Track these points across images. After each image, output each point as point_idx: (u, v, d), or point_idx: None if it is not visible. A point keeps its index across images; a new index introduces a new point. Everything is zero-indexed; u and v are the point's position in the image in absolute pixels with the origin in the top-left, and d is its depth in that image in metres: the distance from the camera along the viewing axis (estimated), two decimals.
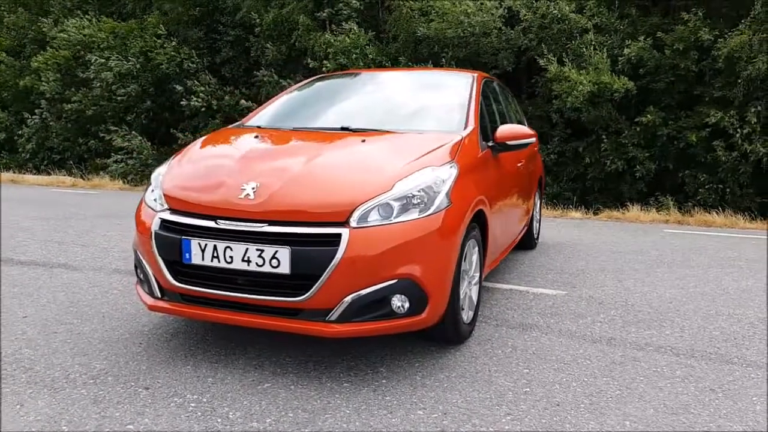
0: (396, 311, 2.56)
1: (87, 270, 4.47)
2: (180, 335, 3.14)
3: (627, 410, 2.40)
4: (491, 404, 2.42)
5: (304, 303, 2.51)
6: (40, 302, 3.68)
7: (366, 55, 13.26)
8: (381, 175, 2.70)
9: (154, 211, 2.83)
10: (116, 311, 3.53)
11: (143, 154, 14.99)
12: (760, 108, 10.99)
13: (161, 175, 3.01)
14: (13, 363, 2.76)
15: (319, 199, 2.59)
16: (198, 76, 15.21)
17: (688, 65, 11.77)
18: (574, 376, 2.71)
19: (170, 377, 2.63)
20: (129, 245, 5.37)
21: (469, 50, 12.74)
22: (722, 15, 12.01)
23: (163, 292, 2.79)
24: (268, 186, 2.64)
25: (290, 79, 14.47)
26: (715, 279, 4.63)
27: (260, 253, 2.51)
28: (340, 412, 2.34)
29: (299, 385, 2.58)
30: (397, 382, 2.61)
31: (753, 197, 11.40)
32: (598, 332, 3.30)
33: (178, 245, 2.65)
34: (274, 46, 14.48)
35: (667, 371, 2.79)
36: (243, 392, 2.50)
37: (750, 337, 3.28)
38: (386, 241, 2.50)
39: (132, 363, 2.78)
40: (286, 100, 3.98)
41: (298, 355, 2.89)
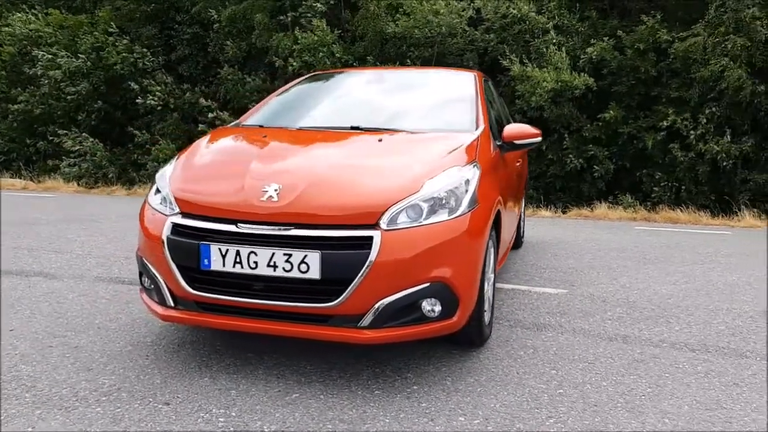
0: (427, 315, 2.49)
1: (67, 278, 4.21)
2: (188, 345, 2.98)
3: (663, 408, 2.41)
4: (530, 407, 2.39)
5: (334, 309, 2.41)
6: (24, 314, 3.44)
7: (333, 54, 13.10)
8: (407, 175, 2.63)
9: (164, 216, 2.67)
10: (110, 322, 3.32)
11: (97, 156, 14.35)
12: (714, 109, 11.42)
13: (168, 177, 2.84)
14: (12, 381, 2.55)
15: (348, 201, 2.49)
16: (154, 75, 14.69)
17: (647, 66, 12.13)
18: (602, 375, 2.71)
19: (189, 391, 2.48)
20: (104, 251, 5.12)
21: (434, 50, 12.77)
22: (678, 18, 12.43)
23: (177, 300, 2.63)
24: (291, 187, 2.53)
25: (254, 77, 14.17)
26: (701, 275, 4.75)
27: (288, 257, 2.39)
28: (378, 421, 2.26)
29: (328, 394, 2.48)
30: (428, 388, 2.54)
31: (708, 195, 11.84)
32: (611, 330, 3.32)
33: (195, 251, 2.50)
34: (234, 43, 14.13)
35: (689, 367, 2.83)
36: (272, 404, 2.38)
37: (755, 330, 3.36)
38: (418, 243, 2.43)
39: (143, 377, 2.61)
40: (283, 99, 3.85)
41: (319, 362, 2.78)
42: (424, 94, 3.78)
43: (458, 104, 3.55)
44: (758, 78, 11.08)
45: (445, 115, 3.47)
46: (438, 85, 3.94)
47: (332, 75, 4.29)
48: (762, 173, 11.37)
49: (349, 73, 4.26)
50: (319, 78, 4.25)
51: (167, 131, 14.51)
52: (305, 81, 4.15)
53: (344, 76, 4.23)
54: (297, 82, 4.13)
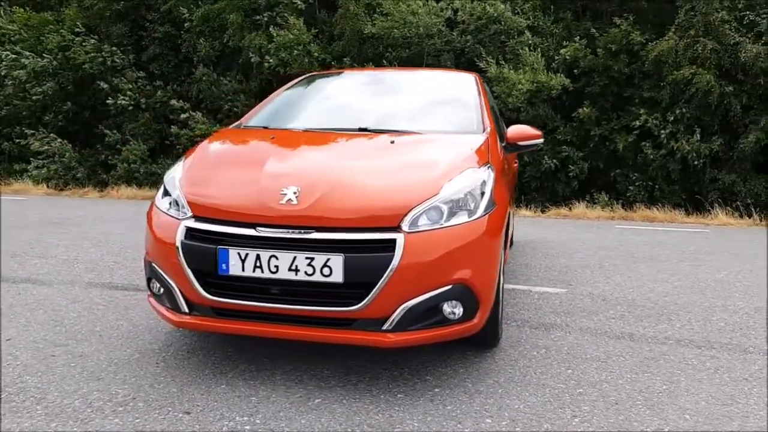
0: (448, 317, 2.48)
1: (57, 284, 4.08)
2: (198, 352, 2.91)
3: (681, 405, 2.45)
4: (553, 408, 2.40)
5: (358, 312, 2.38)
6: (19, 322, 3.31)
7: (309, 53, 13.02)
8: (426, 177, 2.62)
9: (176, 220, 2.60)
10: (112, 329, 3.23)
11: (65, 157, 13.98)
12: (684, 110, 11.73)
13: (177, 180, 2.77)
14: (19, 393, 2.45)
15: (369, 204, 2.47)
16: (124, 74, 14.37)
17: (620, 67, 12.40)
18: (617, 374, 2.74)
19: (208, 399, 2.43)
20: (90, 255, 4.98)
21: (412, 51, 12.81)
22: (649, 21, 12.74)
23: (191, 306, 2.57)
24: (311, 190, 2.49)
25: (229, 77, 13.98)
26: (691, 272, 4.87)
27: (310, 261, 2.36)
28: (407, 425, 2.24)
29: (351, 398, 2.45)
30: (450, 390, 2.54)
31: (679, 194, 12.16)
32: (616, 328, 3.37)
33: (212, 256, 2.44)
34: (207, 42, 13.91)
35: (698, 364, 2.89)
36: (295, 410, 2.34)
37: (753, 326, 3.46)
38: (441, 245, 2.42)
39: (158, 385, 2.54)
40: (284, 100, 3.80)
41: (336, 366, 2.75)
42: (426, 95, 3.78)
43: (462, 106, 3.56)
44: (726, 80, 11.44)
45: (451, 117, 3.47)
46: (439, 86, 3.94)
47: (331, 76, 4.26)
48: (730, 173, 11.74)
49: (347, 73, 4.23)
50: (317, 79, 4.20)
51: (139, 131, 14.21)
52: (304, 82, 4.10)
53: (343, 76, 4.20)
54: (295, 83, 4.08)
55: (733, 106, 11.45)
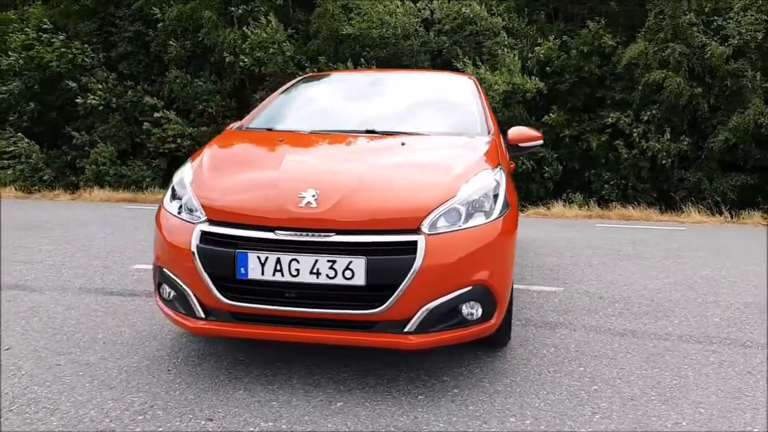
0: (467, 318, 2.50)
1: (48, 291, 3.96)
2: (209, 357, 2.87)
3: (693, 399, 2.53)
4: (573, 405, 2.44)
5: (380, 315, 2.38)
6: (15, 330, 3.21)
7: (283, 52, 12.92)
8: (442, 179, 2.63)
9: (190, 224, 2.55)
10: (115, 336, 3.15)
11: (32, 158, 13.57)
12: (654, 111, 12.03)
13: (189, 184, 2.72)
14: (30, 404, 2.37)
15: (389, 206, 2.47)
16: (94, 73, 14.01)
17: (591, 68, 12.65)
18: (628, 370, 2.80)
19: (228, 405, 2.39)
20: (77, 260, 4.85)
21: (389, 51, 12.83)
22: (620, 24, 13.03)
23: (207, 311, 2.53)
24: (329, 193, 2.48)
25: (203, 77, 13.76)
26: (677, 270, 5.00)
27: (332, 264, 2.35)
28: (432, 427, 2.25)
29: (372, 401, 2.45)
30: (469, 391, 2.56)
31: (651, 192, 12.47)
32: (618, 326, 3.45)
33: (231, 260, 2.41)
34: (178, 42, 13.67)
35: (702, 358, 2.97)
36: (319, 414, 2.33)
37: (746, 321, 3.57)
38: (461, 247, 2.44)
39: (174, 392, 2.50)
40: (285, 102, 3.76)
41: (352, 369, 2.74)
42: (427, 97, 3.79)
43: (464, 108, 3.59)
44: (695, 81, 11.77)
45: (454, 119, 3.49)
46: (439, 88, 3.96)
47: (329, 77, 4.24)
48: (696, 172, 12.09)
49: (344, 75, 4.23)
50: (315, 80, 4.18)
51: (109, 133, 13.88)
52: (302, 83, 4.06)
53: (342, 78, 4.19)
54: (293, 84, 4.04)
55: (701, 107, 11.80)
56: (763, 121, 10.99)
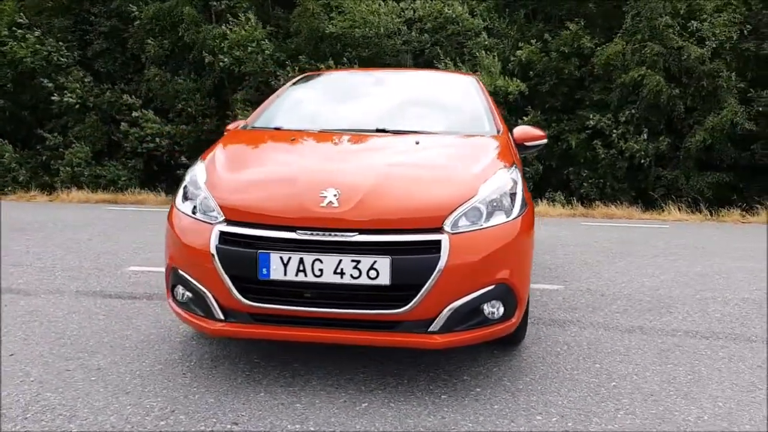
0: (489, 317, 2.50)
1: (44, 294, 3.85)
2: (223, 360, 2.82)
3: (711, 393, 2.57)
4: (595, 402, 2.46)
5: (404, 315, 2.36)
6: (16, 335, 3.11)
7: (263, 50, 12.81)
8: (462, 178, 2.63)
9: (208, 224, 2.50)
10: (122, 340, 3.08)
11: (5, 158, 13.19)
12: (633, 111, 12.24)
13: (203, 183, 2.66)
14: (45, 411, 2.30)
15: (411, 205, 2.45)
16: (68, 71, 13.67)
17: (570, 70, 12.81)
18: (642, 366, 2.84)
19: (251, 408, 2.35)
20: (68, 263, 4.73)
21: (371, 51, 12.81)
22: (598, 26, 13.21)
23: (227, 313, 2.48)
24: (351, 192, 2.45)
25: (184, 77, 13.53)
26: (669, 267, 5.09)
27: (356, 264, 2.32)
28: (461, 427, 2.24)
29: (396, 401, 2.43)
30: (491, 389, 2.56)
31: (629, 191, 12.68)
32: (624, 323, 3.49)
33: (252, 260, 2.36)
34: (156, 41, 13.42)
35: (711, 353, 3.03)
36: (345, 415, 2.31)
37: (746, 316, 3.65)
38: (484, 246, 2.44)
39: (193, 397, 2.44)
40: (287, 102, 3.70)
41: (370, 370, 2.72)
42: (432, 96, 3.78)
43: (470, 107, 3.59)
44: (672, 82, 12.01)
45: (462, 118, 3.49)
46: (443, 87, 3.96)
47: (329, 76, 4.20)
48: (674, 170, 12.34)
49: (345, 74, 4.20)
50: (316, 79, 4.13)
51: (84, 133, 13.56)
52: (303, 82, 4.02)
53: (343, 77, 4.15)
54: (294, 83, 3.99)
55: (678, 107, 12.04)
56: (739, 121, 11.27)
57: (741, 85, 11.78)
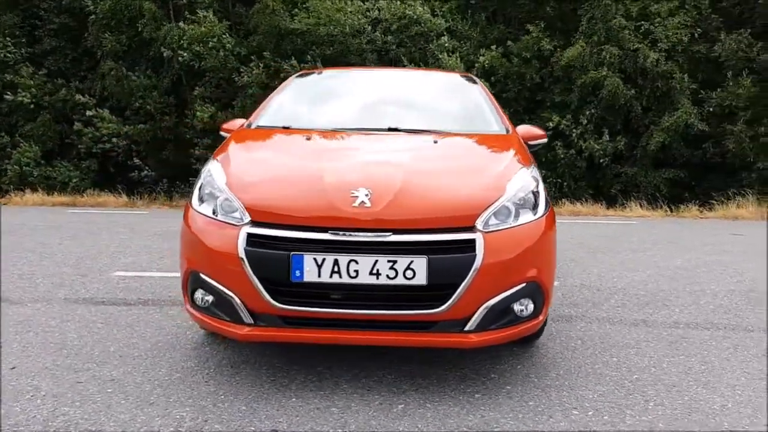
0: (519, 315, 2.51)
1: (30, 303, 3.64)
2: (242, 366, 2.73)
3: (727, 381, 2.66)
4: (624, 395, 2.51)
5: (440, 315, 2.35)
6: (12, 347, 2.94)
7: (224, 46, 12.55)
8: (489, 176, 2.64)
9: (233, 226, 2.42)
10: (129, 348, 2.95)
11: None
12: (592, 111, 12.61)
13: (223, 184, 2.57)
14: (69, 427, 2.18)
15: (444, 204, 2.44)
16: (18, 69, 13.02)
17: (531, 73, 13.08)
18: (656, 358, 2.92)
19: (287, 414, 2.29)
20: (47, 269, 4.52)
21: (336, 49, 12.72)
22: (557, 29, 13.54)
23: (256, 317, 2.41)
24: (382, 192, 2.42)
25: (139, 73, 13.09)
26: (650, 261, 5.26)
27: (392, 264, 2.29)
28: (502, 424, 2.25)
29: (432, 401, 2.41)
30: (521, 386, 2.58)
31: (585, 189, 13.04)
32: (627, 317, 3.58)
33: (284, 263, 2.30)
34: (113, 36, 12.95)
35: (716, 343, 3.14)
36: (384, 417, 2.28)
37: (737, 308, 3.81)
38: (515, 244, 2.45)
39: (222, 405, 2.36)
40: (290, 100, 3.63)
41: (396, 371, 2.69)
42: (435, 95, 3.78)
43: (475, 105, 3.61)
44: (629, 83, 12.43)
45: (469, 117, 3.50)
46: (444, 86, 3.97)
47: (326, 74, 4.15)
48: (632, 167, 12.77)
49: (341, 72, 4.15)
50: (312, 77, 4.06)
51: (36, 132, 12.95)
52: (299, 80, 3.93)
53: (340, 75, 4.10)
54: (292, 82, 3.90)
55: (635, 108, 12.47)
56: (693, 122, 11.76)
57: (693, 87, 12.30)
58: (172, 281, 4.19)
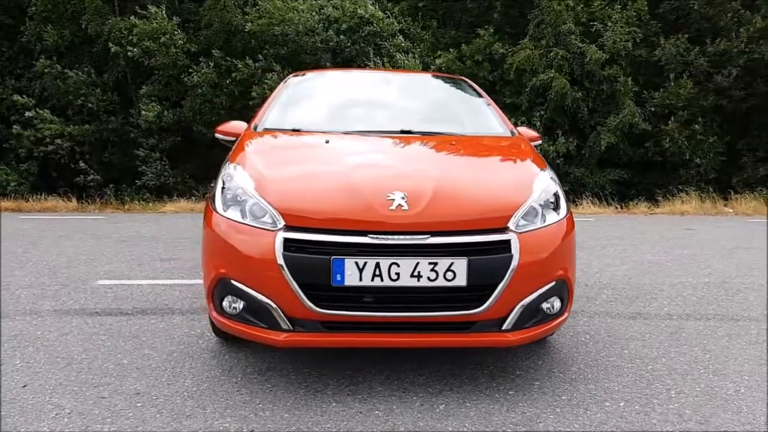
0: (548, 313, 2.59)
1: (18, 316, 3.44)
2: (269, 373, 2.69)
3: (734, 368, 2.84)
4: (646, 385, 2.64)
5: (480, 315, 2.39)
6: (15, 364, 2.77)
7: (174, 43, 12.19)
8: (515, 178, 2.72)
9: (268, 231, 2.38)
10: (144, 360, 2.84)
11: None
12: (542, 112, 13.03)
13: (252, 189, 2.52)
14: None
15: (478, 206, 2.49)
16: None
17: (484, 75, 13.38)
18: (663, 349, 3.07)
19: (333, 419, 2.28)
20: (23, 279, 4.29)
21: (289, 48, 12.58)
22: (506, 32, 13.90)
23: (294, 322, 2.38)
24: (418, 195, 2.44)
25: (77, 69, 12.49)
26: (624, 256, 5.50)
27: (433, 266, 2.32)
28: (544, 420, 2.31)
29: (470, 400, 2.45)
30: (549, 381, 2.65)
31: None
32: (622, 310, 3.74)
33: (325, 267, 2.29)
34: (55, 29, 12.31)
35: (712, 333, 3.34)
36: (430, 418, 2.30)
37: (718, 298, 4.05)
38: (546, 244, 2.53)
39: (264, 413, 2.32)
40: (292, 103, 3.56)
41: (425, 371, 2.72)
42: (437, 97, 3.83)
43: (476, 108, 3.69)
44: (576, 86, 12.92)
45: (474, 119, 3.56)
46: (441, 88, 4.03)
47: (323, 76, 4.11)
48: (579, 168, 13.27)
49: (337, 73, 4.13)
50: (308, 80, 4.00)
51: None
52: (296, 83, 3.88)
53: (337, 77, 4.08)
54: (287, 85, 3.84)
55: (582, 109, 12.97)
56: (636, 122, 12.36)
57: (635, 89, 12.91)
58: (164, 289, 4.05)
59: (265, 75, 12.15)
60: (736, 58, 12.38)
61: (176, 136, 12.93)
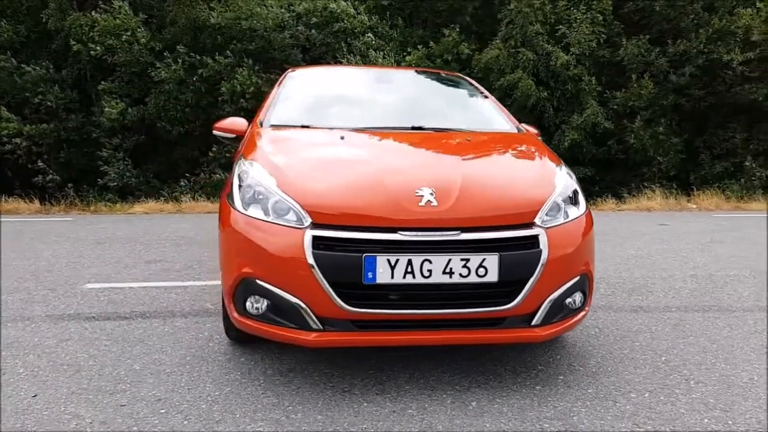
0: (570, 307, 2.61)
1: (9, 323, 3.27)
2: (290, 374, 2.63)
3: (742, 357, 2.93)
4: (664, 376, 2.69)
5: (510, 311, 2.39)
6: (19, 372, 2.63)
7: (138, 39, 11.85)
8: (537, 174, 2.73)
9: (295, 229, 2.32)
10: (155, 365, 2.73)
11: None
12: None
13: (274, 186, 2.45)
14: None
15: (505, 202, 2.49)
16: None
17: None
18: (671, 341, 3.14)
19: (368, 419, 2.24)
20: (8, 284, 4.06)
21: (257, 45, 12.38)
22: (473, 33, 14.04)
23: (324, 321, 2.33)
24: (446, 191, 2.42)
25: (34, 65, 11.99)
26: (606, 251, 5.60)
27: (465, 263, 2.31)
28: (576, 415, 2.33)
29: (500, 396, 2.45)
30: (572, 376, 2.68)
31: None
32: (622, 304, 3.82)
33: (357, 265, 2.25)
34: (10, 24, 11.79)
35: (712, 324, 3.43)
36: (465, 417, 2.29)
37: (709, 290, 4.17)
38: (572, 239, 2.55)
39: (296, 415, 2.27)
40: (295, 99, 3.51)
41: (448, 368, 2.70)
42: (441, 94, 3.85)
43: (480, 104, 3.72)
44: (542, 86, 13.14)
45: (481, 115, 3.58)
46: (442, 85, 4.02)
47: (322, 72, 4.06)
48: None
49: (335, 69, 4.08)
50: (307, 76, 3.94)
51: None
52: (295, 78, 3.80)
53: (335, 73, 4.04)
54: (286, 81, 3.76)
55: (547, 109, 13.21)
56: (600, 121, 12.67)
57: (598, 89, 13.23)
58: (159, 292, 3.91)
59: (235, 70, 11.93)
60: (695, 59, 12.83)
61: (140, 134, 12.57)
